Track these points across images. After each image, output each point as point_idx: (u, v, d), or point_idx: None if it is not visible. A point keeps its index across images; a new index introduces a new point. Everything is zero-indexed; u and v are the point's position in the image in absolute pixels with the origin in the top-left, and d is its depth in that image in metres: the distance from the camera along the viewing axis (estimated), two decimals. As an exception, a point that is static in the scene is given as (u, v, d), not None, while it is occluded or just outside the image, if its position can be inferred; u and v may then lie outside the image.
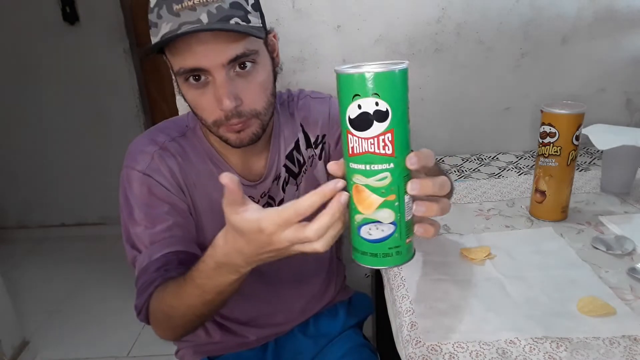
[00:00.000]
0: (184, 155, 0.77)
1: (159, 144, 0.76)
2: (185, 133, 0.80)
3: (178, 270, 0.69)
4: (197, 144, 0.79)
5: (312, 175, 0.89)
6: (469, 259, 0.80)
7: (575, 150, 0.84)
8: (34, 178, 2.64)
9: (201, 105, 0.69)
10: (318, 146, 0.90)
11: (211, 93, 0.67)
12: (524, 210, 0.95)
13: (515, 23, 1.18)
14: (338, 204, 0.46)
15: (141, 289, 0.70)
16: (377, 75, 0.41)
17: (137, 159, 0.75)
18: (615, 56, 1.23)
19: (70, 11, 2.31)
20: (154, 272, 0.70)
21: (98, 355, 1.81)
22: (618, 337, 0.61)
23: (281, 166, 0.85)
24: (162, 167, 0.75)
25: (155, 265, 0.70)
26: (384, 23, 1.17)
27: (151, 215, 0.73)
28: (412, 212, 0.46)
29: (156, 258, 0.71)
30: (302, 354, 0.93)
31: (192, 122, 0.80)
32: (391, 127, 0.42)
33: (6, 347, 1.70)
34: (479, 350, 0.60)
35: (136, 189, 0.74)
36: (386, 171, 0.43)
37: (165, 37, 0.64)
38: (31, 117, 2.51)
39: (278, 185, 0.85)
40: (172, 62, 0.68)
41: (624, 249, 0.79)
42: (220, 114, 0.68)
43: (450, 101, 1.25)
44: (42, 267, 2.44)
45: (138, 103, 2.50)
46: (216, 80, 0.66)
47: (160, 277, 0.69)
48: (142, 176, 0.74)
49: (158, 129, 0.80)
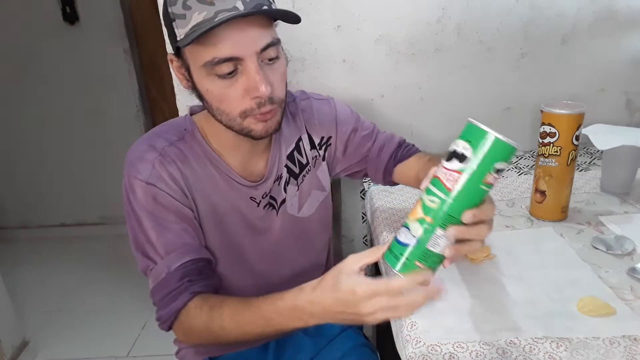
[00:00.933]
0: (184, 160, 0.76)
1: (158, 149, 0.75)
2: (183, 137, 0.78)
3: (199, 279, 0.72)
4: (197, 147, 0.78)
5: (314, 176, 0.90)
6: (469, 259, 0.80)
7: (575, 150, 0.84)
8: (34, 178, 2.64)
9: (229, 97, 0.68)
10: (322, 147, 0.90)
11: (240, 83, 0.67)
12: (524, 210, 0.95)
13: (515, 23, 1.18)
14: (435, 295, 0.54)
15: (165, 301, 0.71)
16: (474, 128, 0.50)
17: (139, 168, 0.73)
18: (615, 56, 1.23)
19: (70, 11, 2.30)
20: (177, 283, 0.71)
21: (98, 355, 1.81)
22: (618, 337, 0.61)
23: (282, 166, 0.85)
24: (164, 174, 0.73)
25: (175, 277, 0.71)
26: (384, 23, 1.17)
27: (160, 224, 0.73)
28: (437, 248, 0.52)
29: (175, 268, 0.72)
30: (302, 353, 0.93)
31: (190, 125, 0.79)
32: (463, 170, 0.49)
33: (6, 347, 1.70)
34: (479, 350, 0.60)
35: (141, 198, 0.73)
36: (438, 198, 0.51)
37: (200, 26, 0.62)
38: (31, 117, 2.51)
39: (280, 185, 0.85)
40: (201, 53, 0.65)
41: (624, 249, 0.79)
42: (250, 103, 0.68)
43: (450, 101, 1.25)
44: (42, 267, 2.44)
45: (138, 103, 2.50)
46: (250, 68, 0.66)
47: (187, 291, 0.71)
48: (145, 185, 0.73)
49: (155, 134, 0.78)
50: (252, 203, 0.82)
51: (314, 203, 0.90)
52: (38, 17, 2.32)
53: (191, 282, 0.71)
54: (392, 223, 0.95)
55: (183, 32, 0.64)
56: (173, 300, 0.71)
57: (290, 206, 0.87)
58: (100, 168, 2.58)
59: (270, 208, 0.84)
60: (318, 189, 0.90)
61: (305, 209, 0.89)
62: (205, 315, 0.69)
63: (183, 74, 0.71)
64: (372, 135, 0.93)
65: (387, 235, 0.91)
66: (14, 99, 2.48)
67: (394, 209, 1.01)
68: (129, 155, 0.76)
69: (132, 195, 0.74)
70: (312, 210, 0.90)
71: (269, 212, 0.84)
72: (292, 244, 0.89)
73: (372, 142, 0.93)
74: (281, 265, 0.89)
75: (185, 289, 0.71)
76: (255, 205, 0.82)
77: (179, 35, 0.65)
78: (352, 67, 1.21)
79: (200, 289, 0.72)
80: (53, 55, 2.39)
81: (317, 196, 0.90)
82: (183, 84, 0.73)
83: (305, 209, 0.89)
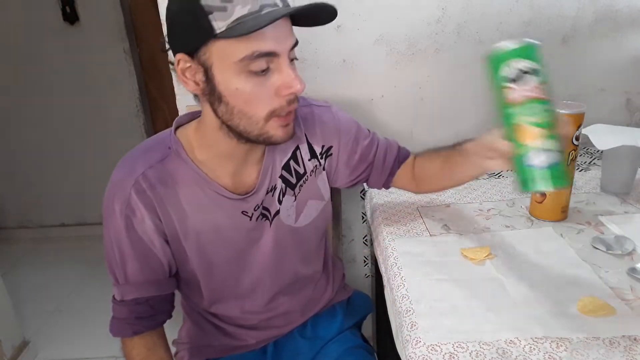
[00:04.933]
0: (165, 182, 0.74)
1: (136, 174, 0.72)
2: (167, 156, 0.75)
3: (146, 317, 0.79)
4: (181, 166, 0.75)
5: (314, 185, 0.87)
6: (469, 259, 0.80)
7: (575, 150, 0.84)
8: (34, 178, 2.64)
9: (259, 96, 0.66)
10: (323, 157, 0.87)
11: (272, 82, 0.66)
12: (524, 210, 0.95)
13: (515, 23, 1.18)
14: None
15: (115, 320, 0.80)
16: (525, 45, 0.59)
17: (117, 194, 0.73)
18: (615, 56, 1.23)
19: (70, 11, 2.30)
20: (126, 314, 0.78)
21: (98, 355, 1.81)
22: (618, 337, 0.61)
23: (277, 177, 0.82)
24: (139, 205, 0.72)
25: (126, 308, 0.78)
26: (384, 23, 1.17)
27: (127, 254, 0.75)
28: None
29: (128, 300, 0.78)
30: (299, 356, 0.93)
31: (175, 143, 0.75)
32: (542, 81, 0.59)
33: (6, 347, 1.70)
34: (479, 350, 0.60)
35: (114, 224, 0.74)
36: (545, 110, 0.59)
37: (247, 19, 0.60)
38: (31, 117, 2.51)
39: (273, 196, 0.82)
40: (239, 48, 0.62)
41: (624, 249, 0.79)
42: (280, 101, 0.67)
43: (450, 101, 1.25)
44: (42, 267, 2.44)
45: (138, 103, 2.50)
46: (284, 65, 0.66)
47: (130, 329, 0.79)
48: (119, 215, 0.73)
49: (140, 151, 0.76)
50: (243, 217, 0.79)
51: (311, 212, 0.87)
52: (38, 17, 2.32)
53: (138, 320, 0.78)
54: (392, 223, 0.95)
55: (224, 24, 0.61)
56: (119, 327, 0.80)
57: (286, 217, 0.84)
58: (100, 168, 2.56)
59: (263, 219, 0.82)
60: (316, 198, 0.87)
61: (302, 219, 0.86)
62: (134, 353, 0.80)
63: (193, 75, 0.67)
64: (374, 142, 0.91)
65: (387, 235, 0.90)
66: (14, 98, 2.48)
67: (394, 209, 1.01)
68: (113, 176, 0.75)
69: (107, 216, 0.75)
70: (310, 219, 0.87)
71: (261, 222, 0.82)
72: (289, 253, 0.87)
73: (375, 147, 0.90)
74: (280, 274, 0.88)
75: (130, 324, 0.78)
76: (248, 220, 0.80)
77: (217, 28, 0.61)
78: (352, 67, 1.21)
79: (141, 330, 0.79)
80: (53, 55, 2.39)
81: (314, 206, 0.87)
82: (189, 87, 0.68)
83: (302, 218, 0.86)
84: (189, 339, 0.94)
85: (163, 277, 0.79)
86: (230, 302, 0.87)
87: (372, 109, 1.24)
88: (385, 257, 0.85)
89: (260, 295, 0.88)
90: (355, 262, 1.41)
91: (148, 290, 0.78)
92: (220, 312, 0.89)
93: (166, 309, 0.82)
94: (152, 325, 0.80)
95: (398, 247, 0.85)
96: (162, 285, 0.80)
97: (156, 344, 0.81)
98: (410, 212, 0.99)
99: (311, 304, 0.97)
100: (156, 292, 0.79)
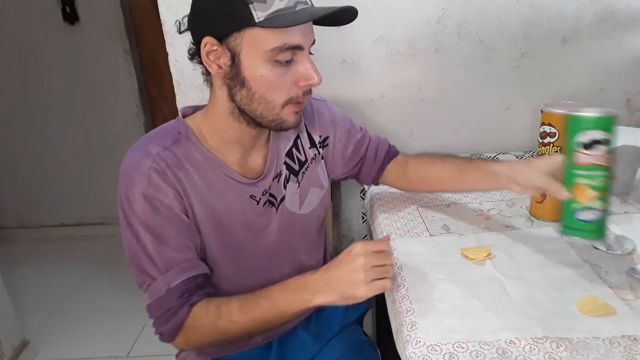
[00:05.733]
0: (179, 164, 0.75)
1: (153, 156, 0.73)
2: (178, 140, 0.76)
3: (198, 291, 0.75)
4: (192, 149, 0.77)
5: (314, 173, 0.91)
6: (469, 259, 0.80)
7: (575, 150, 0.84)
8: (34, 178, 2.64)
9: (281, 84, 0.71)
10: (321, 146, 0.93)
11: (293, 72, 0.72)
12: (524, 210, 0.95)
13: (515, 23, 1.18)
14: None
15: (166, 316, 0.73)
16: (604, 117, 0.65)
17: (135, 179, 0.72)
18: (615, 56, 1.23)
19: (70, 11, 2.31)
20: (178, 300, 0.73)
21: (98, 355, 1.81)
22: (618, 337, 0.61)
23: (282, 163, 0.86)
24: (161, 183, 0.72)
25: (176, 294, 0.73)
26: (384, 23, 1.17)
27: (160, 239, 0.73)
28: None
29: (175, 286, 0.73)
30: (303, 351, 0.94)
31: (184, 127, 0.78)
32: (609, 150, 0.65)
33: (6, 347, 1.70)
34: (479, 350, 0.60)
35: (139, 210, 0.72)
36: (603, 176, 0.66)
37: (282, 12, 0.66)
38: (31, 117, 2.51)
39: (279, 182, 0.85)
40: (271, 38, 0.67)
41: (624, 249, 0.79)
42: (296, 91, 0.73)
43: (450, 101, 1.25)
44: (42, 267, 2.44)
45: (138, 103, 2.50)
46: (306, 59, 0.72)
47: (188, 302, 0.73)
48: (143, 197, 0.71)
49: (149, 139, 0.77)
50: (251, 201, 0.82)
51: (313, 200, 0.91)
52: (38, 17, 2.32)
53: (190, 296, 0.74)
54: (392, 223, 0.95)
55: (262, 15, 0.66)
56: (174, 315, 0.73)
57: (291, 203, 0.87)
58: (101, 168, 2.58)
59: (270, 205, 0.84)
60: (317, 186, 0.91)
61: (305, 206, 0.90)
62: (212, 313, 0.73)
63: (217, 58, 0.71)
64: (366, 137, 0.98)
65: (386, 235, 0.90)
66: (14, 98, 2.48)
67: (394, 209, 1.01)
68: (124, 165, 0.74)
69: (128, 207, 0.72)
70: (312, 207, 0.91)
71: (268, 209, 0.84)
72: (293, 241, 0.89)
73: (367, 142, 0.97)
74: (283, 263, 0.89)
75: (185, 301, 0.73)
76: (255, 204, 0.82)
77: (257, 17, 0.66)
78: (352, 67, 1.21)
79: (199, 298, 0.74)
80: (53, 55, 2.39)
81: (315, 193, 0.91)
82: (211, 69, 0.72)
83: (305, 206, 0.90)
84: None
85: (198, 256, 0.77)
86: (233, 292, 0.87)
87: (372, 109, 1.24)
88: (385, 257, 0.85)
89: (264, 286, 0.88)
90: (355, 262, 1.41)
91: (192, 269, 0.74)
92: None
93: (212, 285, 0.79)
94: (206, 294, 0.76)
95: (398, 247, 0.85)
96: (201, 264, 0.77)
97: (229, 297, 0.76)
98: (410, 212, 0.99)
99: None
100: (199, 271, 0.75)
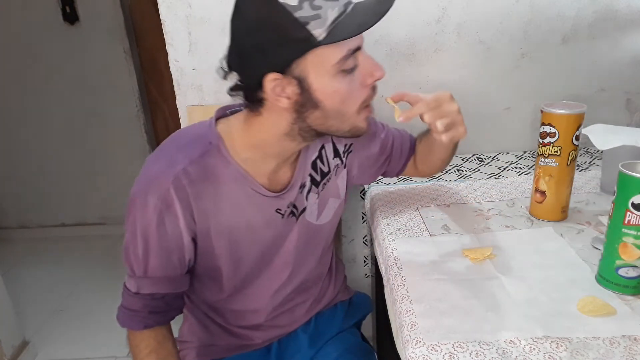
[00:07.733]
0: (204, 178, 0.72)
1: (177, 171, 0.70)
2: (208, 151, 0.73)
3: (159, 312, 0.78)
4: (221, 163, 0.74)
5: (334, 183, 0.89)
6: (469, 259, 0.80)
7: (575, 150, 0.84)
8: (34, 178, 2.64)
9: (351, 92, 0.69)
10: (345, 154, 0.90)
11: (357, 76, 0.68)
12: (524, 210, 0.95)
13: (515, 23, 1.18)
14: None
15: (125, 312, 0.79)
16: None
17: (153, 189, 0.71)
18: (615, 56, 1.23)
19: (70, 11, 2.31)
20: (139, 307, 0.77)
21: (98, 355, 1.81)
22: (618, 337, 0.61)
23: (307, 175, 0.84)
24: (176, 202, 0.71)
25: (142, 301, 0.77)
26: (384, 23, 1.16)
27: (150, 250, 0.74)
28: None
29: (143, 294, 0.76)
30: (301, 354, 0.94)
31: (215, 138, 0.74)
32: None
33: (6, 347, 1.70)
34: (479, 350, 0.60)
35: (145, 216, 0.72)
36: None
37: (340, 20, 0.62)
38: (31, 117, 2.51)
39: (302, 194, 0.83)
40: (334, 51, 0.64)
41: (624, 249, 0.79)
42: (367, 91, 0.70)
43: (450, 101, 1.25)
44: (42, 267, 2.44)
45: (138, 103, 2.50)
46: (365, 56, 0.69)
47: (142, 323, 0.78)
48: (152, 209, 0.71)
49: (178, 147, 0.74)
50: (277, 215, 0.80)
51: (330, 211, 0.89)
52: (38, 17, 2.32)
53: (151, 313, 0.77)
54: (392, 223, 0.95)
55: (322, 31, 0.61)
56: (131, 319, 0.78)
57: (309, 214, 0.86)
58: (101, 168, 2.58)
59: (291, 215, 0.83)
60: (335, 196, 0.90)
61: (323, 217, 0.88)
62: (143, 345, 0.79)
63: (283, 90, 0.66)
64: (390, 135, 0.94)
65: (387, 235, 0.90)
66: (14, 98, 2.48)
67: (394, 209, 1.01)
68: (148, 168, 0.73)
69: (136, 208, 0.73)
70: (329, 217, 0.90)
71: (289, 219, 0.83)
72: (308, 251, 0.89)
73: (392, 140, 0.94)
74: (297, 273, 0.89)
75: (145, 316, 0.77)
76: (280, 217, 0.81)
77: (318, 35, 0.61)
78: (352, 67, 1.21)
79: (154, 324, 0.79)
80: (53, 55, 2.39)
81: (333, 204, 0.90)
82: (281, 103, 0.67)
83: (323, 216, 0.88)
84: (194, 338, 0.94)
85: (181, 273, 0.78)
86: (246, 296, 0.88)
87: (372, 109, 1.24)
88: (385, 257, 0.86)
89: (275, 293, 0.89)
90: (355, 262, 1.41)
91: (166, 287, 0.77)
92: (231, 307, 0.89)
93: (178, 305, 0.82)
94: (164, 320, 0.80)
95: (398, 247, 0.85)
96: (179, 281, 0.79)
97: (165, 337, 0.80)
98: (410, 212, 0.99)
99: (315, 303, 0.98)
100: (173, 289, 0.78)
